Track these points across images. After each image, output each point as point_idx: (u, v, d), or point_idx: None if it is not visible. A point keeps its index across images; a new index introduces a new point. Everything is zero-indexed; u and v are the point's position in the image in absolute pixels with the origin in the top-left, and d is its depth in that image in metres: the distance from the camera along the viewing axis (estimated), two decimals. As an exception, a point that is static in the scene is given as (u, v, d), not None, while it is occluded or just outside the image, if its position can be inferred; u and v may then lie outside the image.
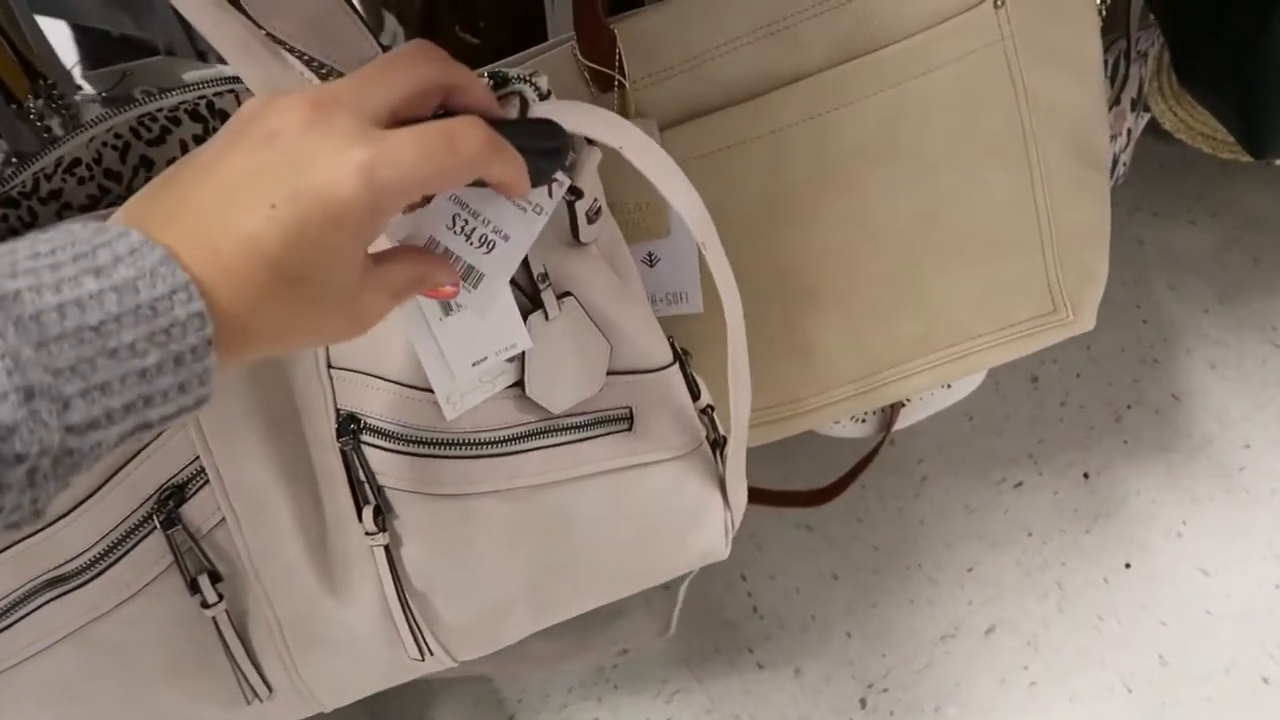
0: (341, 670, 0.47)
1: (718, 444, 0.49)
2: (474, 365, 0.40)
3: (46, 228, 0.26)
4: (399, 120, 0.30)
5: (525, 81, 0.38)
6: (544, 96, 0.38)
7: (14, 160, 0.49)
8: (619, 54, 0.52)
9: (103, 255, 0.24)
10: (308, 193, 0.27)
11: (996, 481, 0.98)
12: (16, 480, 0.23)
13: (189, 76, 0.66)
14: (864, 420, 0.81)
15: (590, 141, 0.41)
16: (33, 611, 0.42)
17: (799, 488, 0.84)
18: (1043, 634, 0.89)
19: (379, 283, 0.31)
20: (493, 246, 0.37)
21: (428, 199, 0.36)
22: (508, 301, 0.40)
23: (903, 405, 0.79)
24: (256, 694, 0.46)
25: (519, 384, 0.43)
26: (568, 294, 0.42)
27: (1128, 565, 0.92)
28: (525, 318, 0.41)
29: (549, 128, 0.36)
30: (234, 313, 0.26)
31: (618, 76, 0.53)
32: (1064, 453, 0.98)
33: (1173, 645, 0.87)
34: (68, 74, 0.52)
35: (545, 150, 0.35)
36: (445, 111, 0.33)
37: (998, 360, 0.63)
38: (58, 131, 0.49)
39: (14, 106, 0.47)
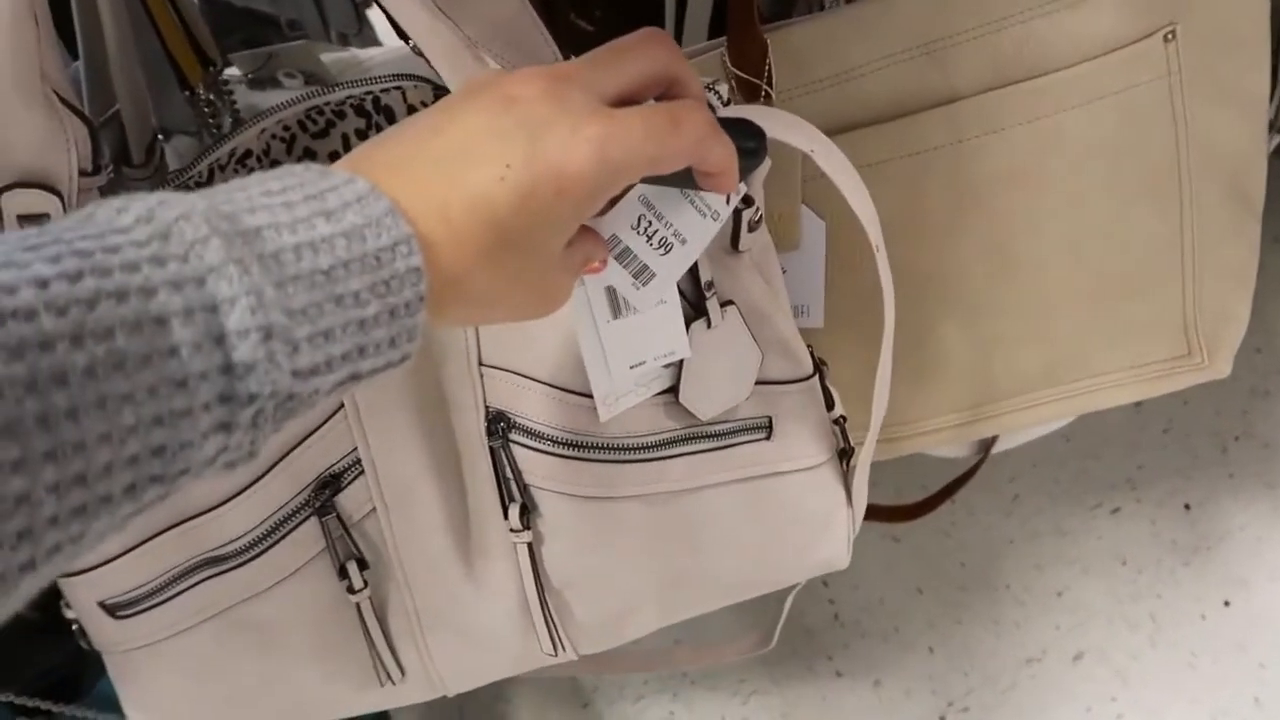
0: (472, 658, 0.48)
1: (846, 455, 0.49)
2: (632, 369, 0.40)
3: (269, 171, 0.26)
4: (624, 103, 0.30)
5: (709, 89, 0.38)
6: (725, 103, 0.38)
7: (160, 137, 0.51)
8: (769, 64, 0.51)
9: (331, 199, 0.24)
10: (543, 160, 0.27)
11: (1092, 506, 0.95)
12: (245, 420, 0.23)
13: (326, 59, 0.67)
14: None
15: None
16: (190, 588, 0.44)
17: (887, 501, 0.83)
18: (1133, 666, 0.87)
19: (567, 261, 0.32)
20: (670, 249, 0.37)
21: (619, 195, 0.36)
22: (674, 308, 0.40)
23: (1005, 427, 0.77)
24: (390, 677, 0.47)
25: (669, 390, 0.43)
26: (730, 303, 0.42)
27: (1226, 603, 0.89)
28: (688, 325, 0.41)
29: (748, 127, 0.35)
30: (450, 272, 0.26)
31: (765, 86, 0.52)
32: (1165, 481, 0.96)
33: (1269, 688, 0.85)
34: (223, 56, 0.53)
35: (746, 150, 0.35)
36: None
37: (1123, 400, 0.61)
38: (223, 118, 0.50)
39: (186, 93, 0.48)
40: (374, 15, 0.86)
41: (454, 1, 0.36)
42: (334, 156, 0.47)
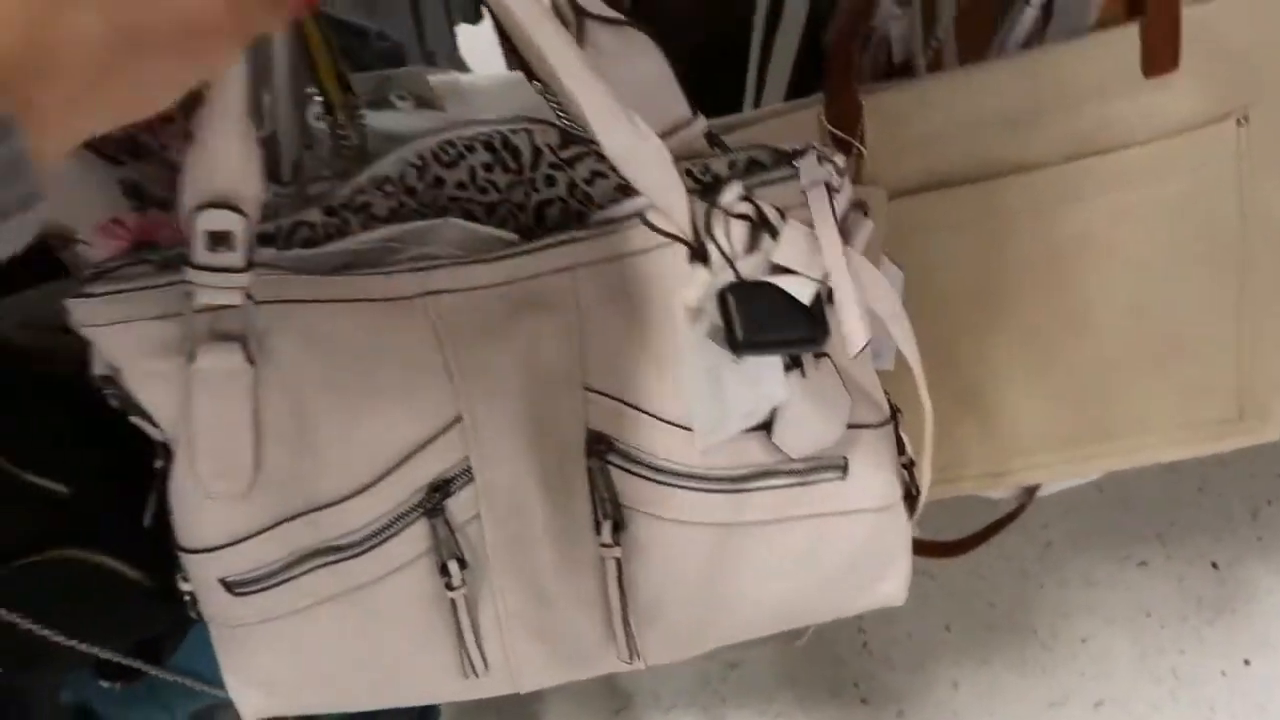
0: (549, 660, 0.51)
1: (912, 499, 0.52)
2: (741, 413, 0.44)
3: None
4: None
5: (825, 162, 0.41)
6: (841, 175, 0.42)
7: (266, 143, 0.54)
8: (863, 124, 0.55)
9: None
10: None
11: (1121, 557, 0.98)
12: None
13: (434, 81, 0.71)
14: (1006, 483, 0.82)
15: (865, 212, 0.45)
16: (306, 573, 0.47)
17: (924, 537, 0.86)
18: (1153, 717, 0.89)
19: None
20: None
21: None
22: (773, 361, 0.43)
23: (1048, 474, 0.80)
24: (474, 670, 0.50)
25: (761, 427, 0.46)
26: (824, 354, 0.45)
27: (1247, 662, 0.91)
28: (785, 372, 0.44)
29: (804, 314, 0.40)
30: (15, 67, 0.23)
31: (857, 145, 0.56)
32: (1194, 539, 0.98)
33: (1286, 749, 0.87)
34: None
35: (798, 340, 0.40)
36: None
37: (1172, 457, 0.64)
38: (354, 142, 0.54)
39: (329, 117, 0.52)
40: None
41: (609, 62, 0.39)
42: (460, 186, 0.50)
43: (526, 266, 0.45)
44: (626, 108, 0.39)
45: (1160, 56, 0.52)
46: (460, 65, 0.92)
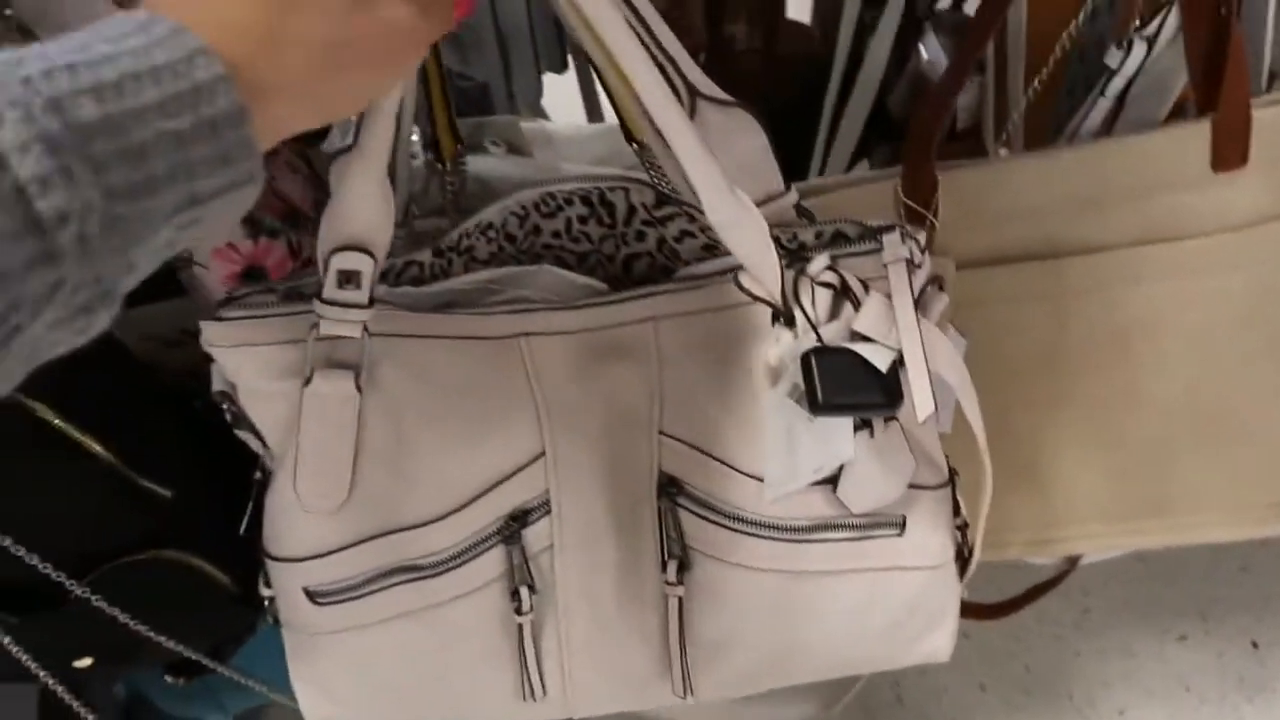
0: (606, 689, 0.54)
1: (964, 560, 0.54)
2: (811, 468, 0.46)
3: None
4: None
5: (908, 238, 0.44)
6: (923, 252, 0.45)
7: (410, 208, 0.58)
8: (937, 198, 0.58)
9: (110, 29, 0.24)
10: None
11: (1161, 630, 0.98)
12: (69, 244, 0.21)
13: (525, 128, 0.75)
14: (1051, 548, 0.83)
15: (941, 287, 0.47)
16: (385, 589, 0.50)
17: (964, 598, 0.87)
18: (1187, 793, 0.89)
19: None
20: None
21: None
22: (847, 422, 0.46)
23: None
24: (534, 694, 0.53)
25: (826, 481, 0.49)
26: (893, 418, 0.48)
27: (1286, 744, 0.91)
28: (854, 433, 0.47)
29: (882, 381, 0.43)
30: (248, 64, 0.26)
31: (930, 217, 0.58)
32: (1235, 617, 0.98)
33: (1321, 836, 0.86)
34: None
35: (874, 404, 0.43)
36: None
37: (1223, 538, 0.66)
38: (456, 186, 0.58)
39: (440, 165, 0.56)
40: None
41: (716, 138, 0.43)
42: (556, 235, 0.53)
43: (613, 315, 0.48)
44: (731, 182, 0.42)
45: (1230, 153, 0.55)
46: (541, 112, 0.96)
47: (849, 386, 0.44)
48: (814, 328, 0.45)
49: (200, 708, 0.87)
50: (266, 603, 0.53)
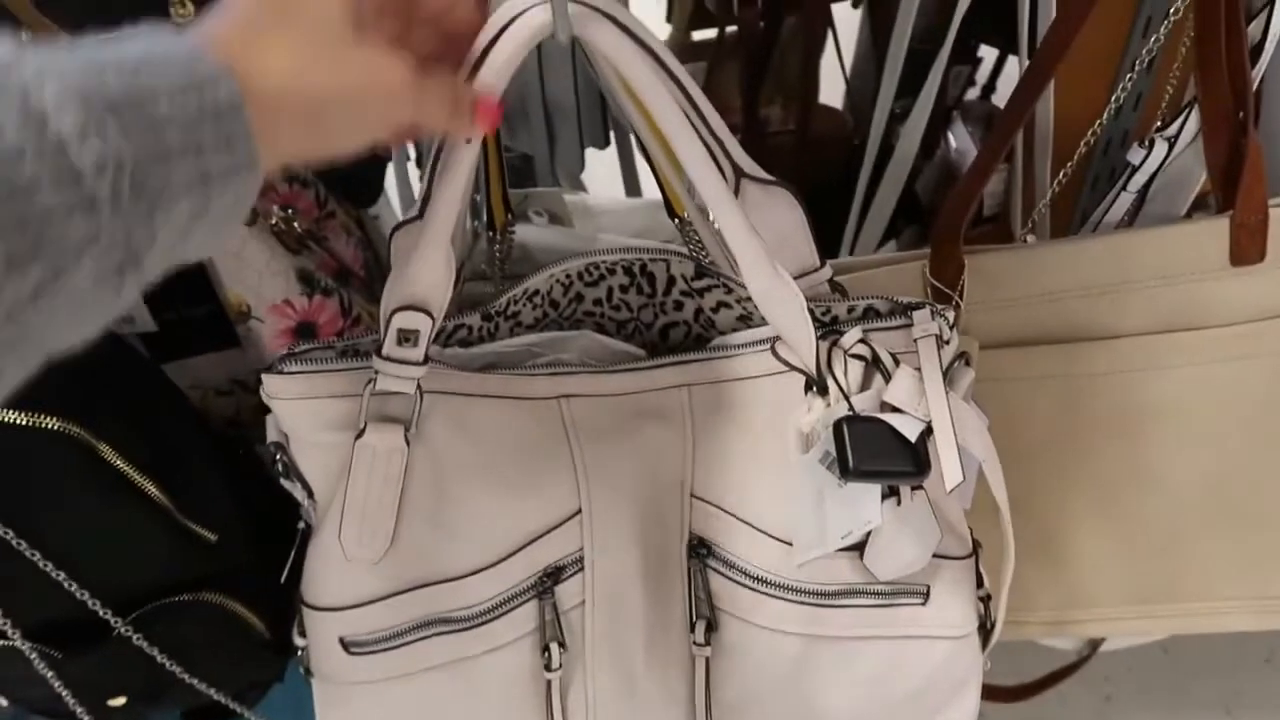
0: None
1: (986, 631, 0.54)
2: (839, 533, 0.48)
3: None
4: None
5: (938, 316, 0.47)
6: (951, 329, 0.47)
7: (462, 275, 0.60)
8: (963, 280, 0.60)
9: (128, 36, 0.27)
10: None
11: (1184, 722, 0.97)
12: (104, 194, 0.24)
13: (567, 199, 0.79)
14: (1072, 632, 0.83)
15: (968, 363, 0.49)
16: (418, 640, 0.51)
17: (985, 680, 0.86)
18: None
19: (365, 36, 0.33)
20: None
21: None
22: (872, 489, 0.48)
23: (1114, 629, 0.81)
24: None
25: (853, 548, 0.50)
26: (920, 488, 0.49)
27: (1312, 847, 0.89)
28: (882, 500, 0.48)
29: (910, 451, 0.45)
30: (245, 67, 0.29)
31: (956, 298, 0.61)
32: (1260, 712, 0.97)
33: None
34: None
35: (901, 473, 0.45)
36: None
37: (1240, 628, 0.66)
38: (504, 253, 0.61)
39: (491, 233, 0.59)
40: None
41: (756, 214, 0.45)
42: (597, 303, 0.56)
43: (649, 380, 0.51)
44: (772, 257, 0.45)
45: (1247, 249, 0.57)
46: (581, 185, 1.00)
47: (879, 454, 0.46)
48: (846, 397, 0.47)
49: (218, 755, 0.88)
50: (299, 652, 0.54)
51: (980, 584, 0.54)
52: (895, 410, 0.46)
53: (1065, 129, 0.71)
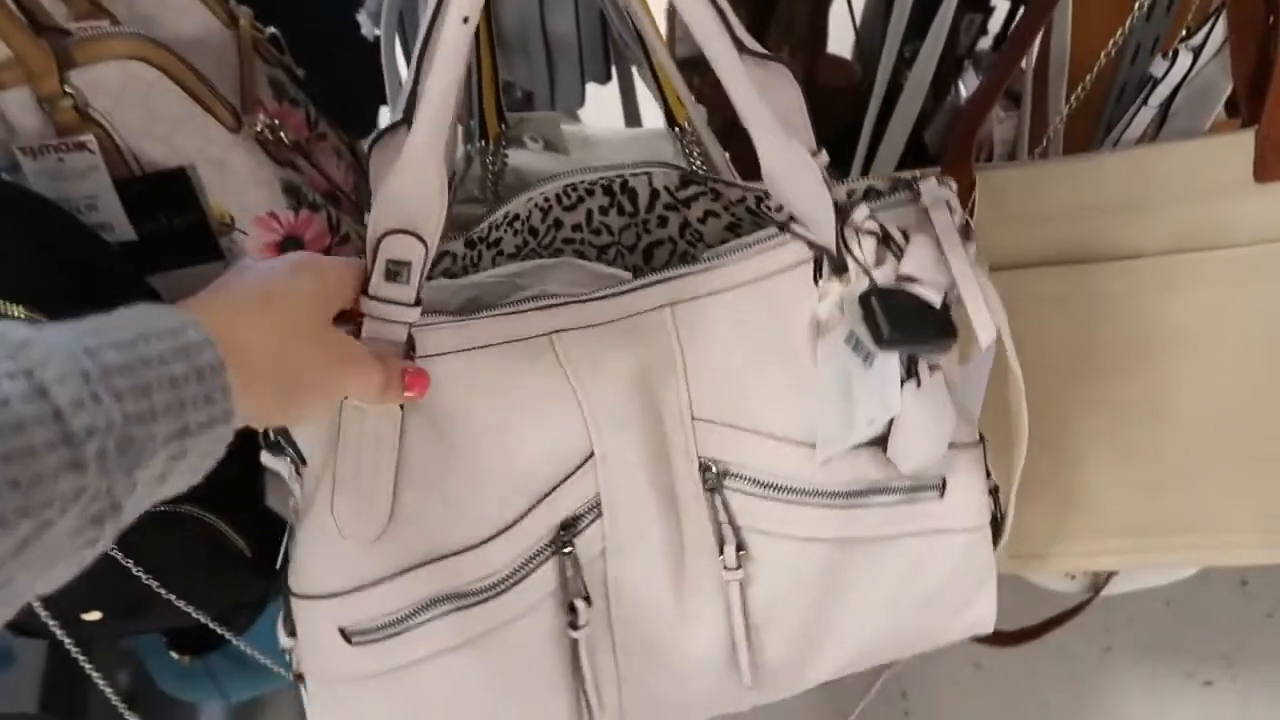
0: (666, 698, 0.51)
1: (997, 525, 0.53)
2: (865, 419, 0.46)
3: None
4: None
5: (944, 184, 0.44)
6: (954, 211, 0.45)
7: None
8: (974, 198, 0.58)
9: (127, 314, 0.32)
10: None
11: (1185, 674, 0.96)
12: (92, 455, 0.28)
13: (565, 128, 0.76)
14: (1074, 577, 0.82)
15: (969, 236, 0.47)
16: (431, 620, 0.46)
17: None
18: (1207, 843, 0.86)
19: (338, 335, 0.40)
20: None
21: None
22: (894, 369, 0.46)
23: (1116, 571, 0.80)
24: (592, 714, 0.50)
25: (873, 442, 0.48)
26: (938, 367, 0.47)
27: (1311, 799, 0.88)
28: (901, 385, 0.46)
29: (935, 316, 0.43)
30: (228, 338, 0.34)
31: (967, 215, 0.58)
32: (1262, 665, 0.96)
33: None
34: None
35: (929, 339, 0.43)
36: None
37: (1247, 561, 0.64)
38: (497, 169, 0.58)
39: (482, 142, 0.57)
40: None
41: (765, 90, 0.43)
42: (576, 228, 0.53)
43: (631, 303, 0.47)
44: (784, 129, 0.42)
45: (1273, 164, 0.55)
46: (578, 121, 0.98)
47: (908, 324, 0.44)
48: (867, 271, 0.44)
49: (202, 691, 0.87)
50: (288, 656, 0.48)
51: (989, 473, 0.52)
52: (914, 281, 0.45)
53: (1083, 58, 0.68)
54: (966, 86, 1.04)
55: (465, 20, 0.38)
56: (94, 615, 0.57)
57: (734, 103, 0.42)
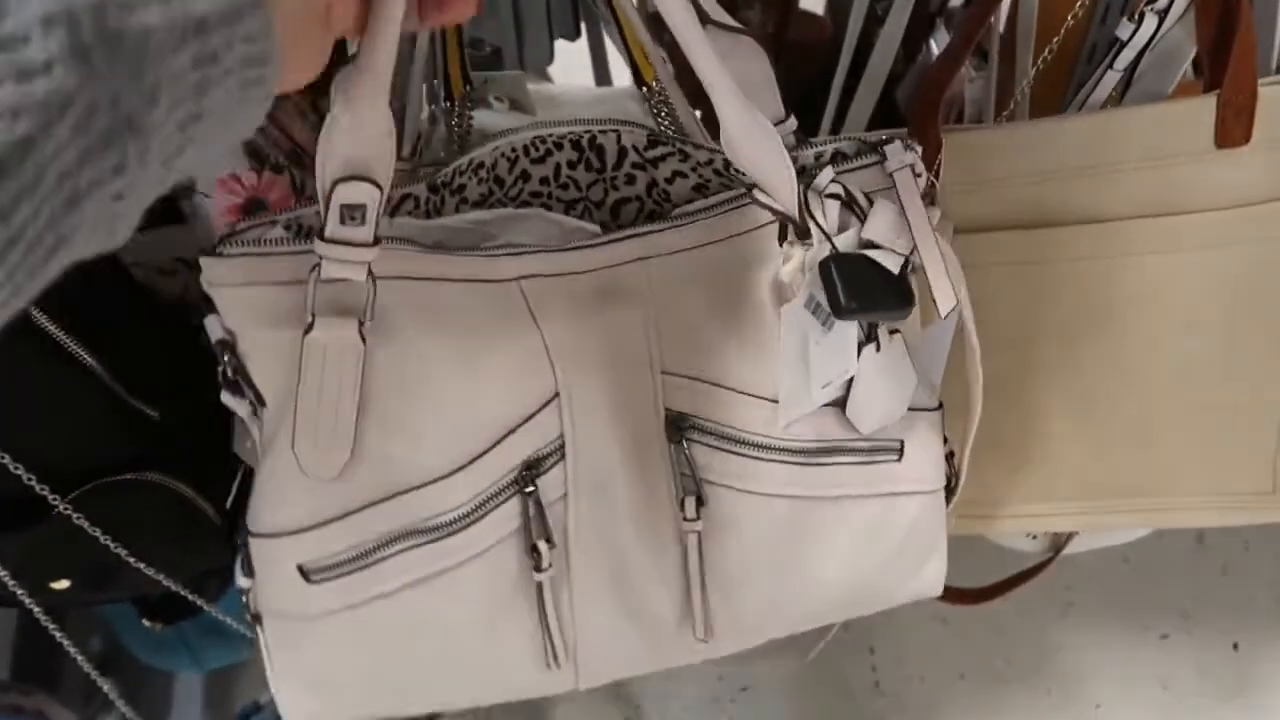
0: (621, 647, 0.52)
1: (950, 490, 0.54)
2: (823, 382, 0.47)
3: None
4: None
5: (908, 148, 0.45)
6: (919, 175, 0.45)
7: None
8: (940, 159, 0.58)
9: None
10: None
11: (1142, 628, 0.98)
12: (57, 50, 0.21)
13: (531, 88, 0.75)
14: (1035, 537, 0.83)
15: (933, 201, 0.48)
16: (391, 556, 0.46)
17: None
18: (1160, 790, 0.89)
19: None
20: None
21: None
22: (852, 332, 0.46)
23: (1077, 531, 0.82)
24: (556, 658, 0.50)
25: (835, 403, 0.49)
26: (897, 331, 0.48)
27: (1261, 746, 0.91)
28: (860, 348, 0.47)
29: (898, 284, 0.43)
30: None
31: (932, 178, 0.58)
32: (1217, 618, 0.98)
33: (1293, 837, 0.86)
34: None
35: (888, 306, 0.44)
36: None
37: (1200, 523, 0.66)
38: (462, 130, 0.57)
39: (448, 103, 0.56)
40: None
41: (730, 59, 0.43)
42: (544, 181, 0.53)
43: (605, 256, 0.48)
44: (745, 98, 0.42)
45: (1233, 130, 0.55)
46: (549, 79, 0.96)
47: (867, 291, 0.44)
48: (828, 237, 0.45)
49: (175, 659, 0.87)
50: (244, 597, 0.48)
51: (945, 439, 0.53)
52: (875, 247, 0.45)
53: (1051, 20, 0.68)
54: (939, 45, 1.03)
55: None
56: (62, 584, 0.57)
57: (696, 69, 0.42)
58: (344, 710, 0.50)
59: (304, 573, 0.46)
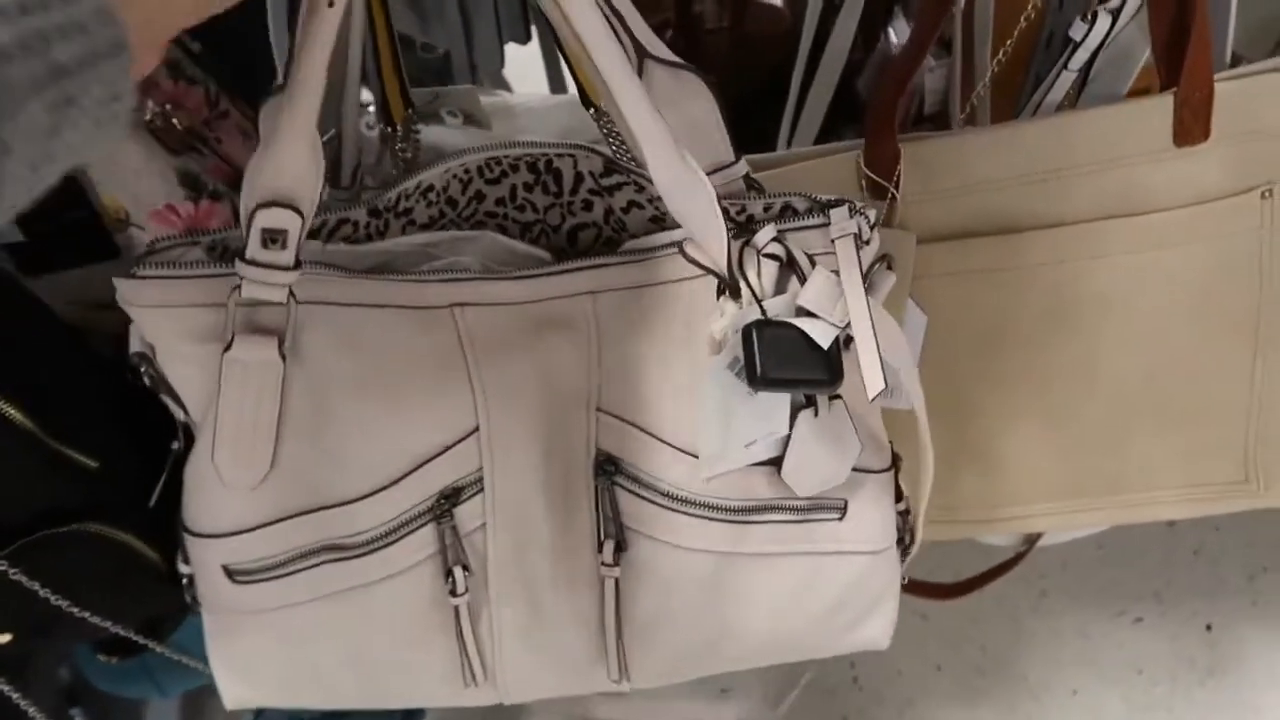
0: (539, 674, 0.52)
1: (905, 546, 0.53)
2: (745, 445, 0.45)
3: None
4: None
5: (857, 214, 0.43)
6: (872, 228, 0.43)
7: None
8: (899, 170, 0.57)
9: None
10: None
11: (1116, 613, 0.99)
12: None
13: (484, 100, 0.73)
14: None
15: (890, 266, 0.46)
16: (308, 568, 0.47)
17: (918, 578, 0.87)
18: (1137, 774, 0.90)
19: None
20: None
21: None
22: (782, 398, 0.45)
23: (1050, 526, 0.81)
24: (474, 678, 0.50)
25: (769, 462, 0.47)
26: (838, 397, 0.46)
27: (1235, 726, 0.92)
28: (798, 412, 0.45)
29: (824, 359, 0.42)
30: None
31: (892, 189, 0.57)
32: (1190, 600, 0.99)
33: (1268, 816, 0.87)
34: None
35: (815, 380, 0.42)
36: None
37: (1175, 516, 0.65)
38: (408, 155, 0.55)
39: (388, 129, 0.54)
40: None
41: (663, 102, 0.41)
42: (500, 202, 0.51)
43: (552, 287, 0.47)
44: (679, 144, 0.41)
45: (1191, 127, 0.54)
46: (503, 83, 0.94)
47: (791, 361, 0.43)
48: (758, 300, 0.43)
49: (137, 688, 0.85)
50: (185, 581, 0.50)
51: (900, 497, 0.52)
52: (810, 315, 0.43)
53: (1007, 16, 0.67)
54: (896, 33, 1.02)
55: (331, 4, 0.37)
56: (5, 637, 0.54)
57: (624, 116, 0.40)
58: (271, 697, 0.52)
59: (229, 573, 0.47)
